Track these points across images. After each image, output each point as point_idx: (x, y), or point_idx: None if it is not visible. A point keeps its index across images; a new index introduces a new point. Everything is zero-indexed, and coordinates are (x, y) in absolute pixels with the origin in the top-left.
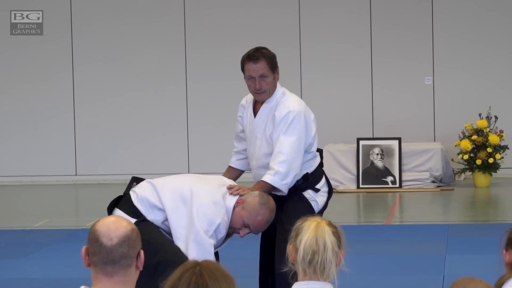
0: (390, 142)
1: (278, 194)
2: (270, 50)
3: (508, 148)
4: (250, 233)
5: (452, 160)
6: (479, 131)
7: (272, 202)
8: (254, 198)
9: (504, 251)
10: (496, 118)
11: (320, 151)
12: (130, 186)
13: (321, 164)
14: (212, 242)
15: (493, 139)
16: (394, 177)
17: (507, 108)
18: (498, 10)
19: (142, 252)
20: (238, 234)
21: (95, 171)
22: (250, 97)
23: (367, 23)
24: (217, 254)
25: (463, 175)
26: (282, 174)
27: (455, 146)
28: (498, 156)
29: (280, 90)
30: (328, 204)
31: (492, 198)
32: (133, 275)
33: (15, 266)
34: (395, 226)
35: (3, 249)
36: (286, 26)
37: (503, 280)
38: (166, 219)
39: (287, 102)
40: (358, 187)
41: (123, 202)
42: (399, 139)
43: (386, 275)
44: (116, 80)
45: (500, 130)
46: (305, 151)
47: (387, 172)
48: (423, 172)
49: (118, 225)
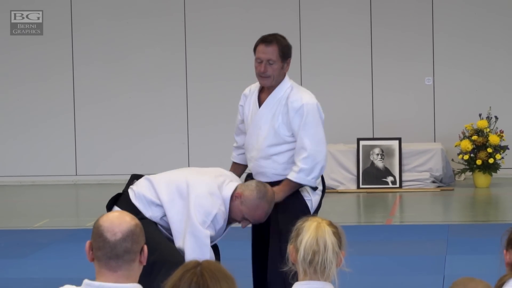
0: (390, 142)
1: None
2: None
3: (508, 149)
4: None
5: (452, 160)
6: (479, 132)
7: (270, 193)
8: (252, 193)
9: (504, 251)
10: (496, 118)
11: None
12: (129, 184)
13: None
14: (208, 233)
15: (493, 139)
16: (394, 177)
17: (507, 108)
18: (498, 10)
19: (146, 247)
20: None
21: (95, 171)
22: (254, 86)
23: (367, 23)
24: (218, 254)
25: (463, 175)
26: (307, 170)
27: (455, 146)
28: (498, 156)
29: (288, 82)
30: (328, 204)
31: (492, 198)
32: (136, 270)
33: (15, 266)
34: (395, 226)
35: (3, 249)
36: (286, 26)
37: (503, 280)
38: (165, 215)
39: (299, 94)
40: (358, 187)
41: (121, 200)
42: (399, 139)
43: (387, 275)
44: (116, 80)
45: (500, 131)
46: None
47: (387, 172)
48: (423, 172)
49: (122, 220)
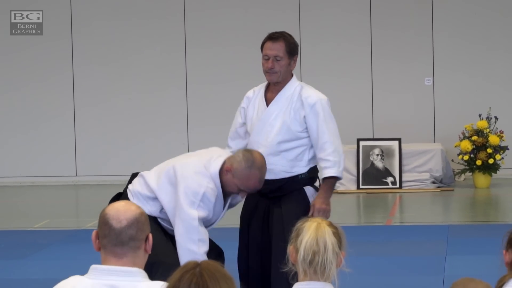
0: (390, 142)
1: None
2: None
3: (508, 149)
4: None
5: (452, 160)
6: (479, 132)
7: (258, 160)
8: (240, 164)
9: (504, 251)
10: (496, 118)
11: None
12: (129, 183)
13: None
14: (195, 215)
15: (493, 139)
16: (394, 177)
17: (507, 108)
18: (498, 11)
19: (151, 236)
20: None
21: (95, 172)
22: (258, 88)
23: (367, 23)
24: (222, 257)
25: (463, 176)
26: (338, 163)
27: (455, 146)
28: (498, 156)
29: (297, 81)
30: None
31: (492, 198)
32: (142, 257)
33: (16, 267)
34: (395, 226)
35: (4, 250)
36: (286, 27)
37: (504, 281)
38: (163, 208)
39: (311, 90)
40: (358, 187)
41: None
42: (399, 140)
43: (386, 275)
44: (116, 81)
45: (500, 131)
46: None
47: (387, 172)
48: (423, 173)
49: (127, 208)
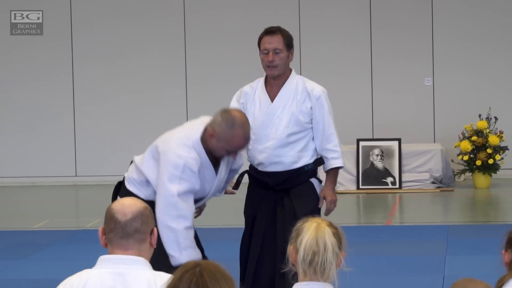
0: (390, 143)
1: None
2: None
3: (508, 149)
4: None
5: (452, 161)
6: (479, 132)
7: (239, 117)
8: (221, 126)
9: (503, 251)
10: (496, 119)
11: None
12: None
13: None
14: (174, 190)
15: (493, 140)
16: (394, 178)
17: (507, 109)
18: (498, 11)
19: (156, 230)
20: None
21: (95, 172)
22: (255, 84)
23: (367, 24)
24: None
25: (463, 176)
26: (341, 153)
27: (455, 147)
28: (498, 157)
29: (296, 75)
30: None
31: (492, 199)
32: (147, 251)
33: (15, 267)
34: (395, 227)
35: (3, 250)
36: (286, 27)
37: (503, 281)
38: None
39: (313, 83)
40: (358, 188)
41: (121, 189)
42: (399, 140)
43: (386, 275)
44: (116, 81)
45: (500, 131)
46: None
47: (387, 173)
48: (423, 173)
49: (132, 203)
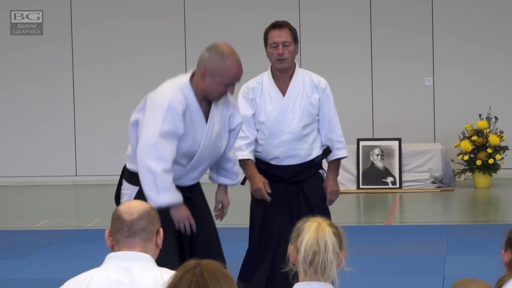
0: (390, 142)
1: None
2: None
3: (508, 149)
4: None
5: (452, 160)
6: (479, 132)
7: (226, 47)
8: (211, 60)
9: (503, 251)
10: (496, 119)
11: None
12: None
13: None
14: (156, 130)
15: (493, 139)
16: (394, 177)
17: (507, 109)
18: (498, 11)
19: (162, 230)
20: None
21: (95, 172)
22: (260, 78)
23: (367, 23)
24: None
25: (463, 176)
26: (345, 143)
27: (455, 146)
28: (498, 156)
29: (300, 68)
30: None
31: (492, 198)
32: (153, 250)
33: (15, 266)
34: (395, 226)
35: (4, 249)
36: None
37: (503, 281)
38: None
39: (316, 75)
40: (358, 187)
41: (124, 171)
42: (399, 140)
43: (386, 275)
44: (116, 81)
45: (500, 131)
46: None
47: (387, 172)
48: (423, 173)
49: (138, 204)
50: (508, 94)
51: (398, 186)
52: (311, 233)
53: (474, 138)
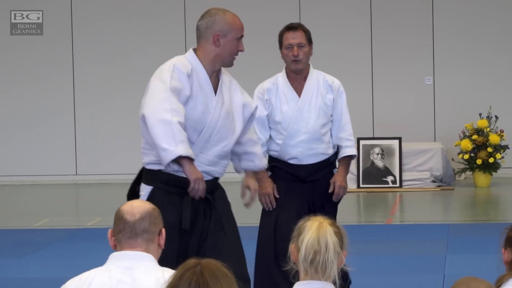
0: (391, 141)
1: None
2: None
3: (508, 148)
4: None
5: (453, 159)
6: (479, 131)
7: (211, 8)
8: (216, 21)
9: (502, 249)
10: (496, 118)
11: None
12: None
13: None
14: (166, 85)
15: (493, 138)
16: (395, 176)
17: (508, 108)
18: (498, 10)
19: (164, 230)
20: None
21: (96, 171)
22: (275, 79)
23: (367, 23)
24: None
25: (463, 175)
26: (354, 142)
27: (456, 145)
28: (498, 155)
29: (314, 69)
30: None
31: (492, 197)
32: (155, 251)
33: (16, 265)
34: (396, 225)
35: (4, 248)
36: None
37: (503, 280)
38: None
39: (329, 75)
40: (359, 186)
41: (143, 172)
42: (400, 139)
43: (387, 274)
44: (116, 80)
45: (500, 130)
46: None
47: (388, 171)
48: (424, 172)
49: (141, 204)
50: (508, 93)
51: (398, 185)
52: (312, 232)
53: (475, 137)
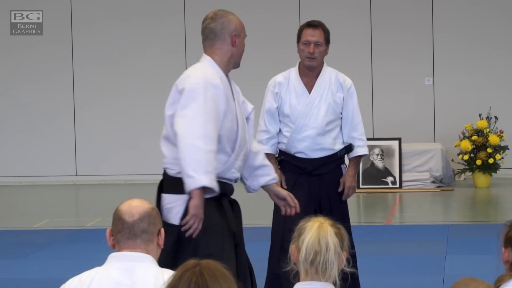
0: (390, 142)
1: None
2: None
3: (508, 149)
4: None
5: (452, 160)
6: (479, 132)
7: (215, 11)
8: (230, 21)
9: (503, 248)
10: (496, 118)
11: None
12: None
13: None
14: (198, 107)
15: (493, 139)
16: (394, 177)
17: (507, 108)
18: (498, 11)
19: (163, 230)
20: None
21: (95, 172)
22: (287, 73)
23: (367, 24)
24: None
25: (463, 176)
26: (366, 142)
27: (455, 146)
28: (498, 156)
29: (327, 67)
30: None
31: (492, 198)
32: (154, 251)
33: (15, 266)
34: (395, 226)
35: (4, 249)
36: (286, 27)
37: (502, 280)
38: None
39: (342, 74)
40: (358, 187)
41: (165, 182)
42: (399, 140)
43: (386, 275)
44: (116, 81)
45: (500, 131)
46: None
47: (387, 172)
48: (423, 173)
49: (139, 204)
50: (508, 93)
51: (398, 185)
52: (313, 232)
53: (474, 137)
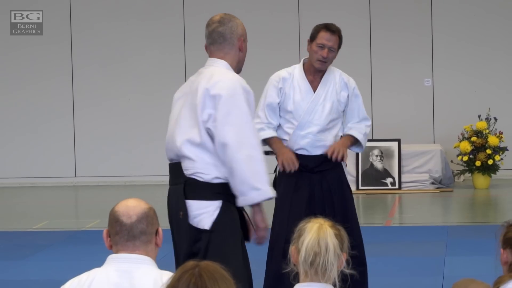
0: (390, 143)
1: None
2: None
3: (507, 150)
4: None
5: (452, 161)
6: (478, 133)
7: (218, 15)
8: (237, 26)
9: (501, 249)
10: (495, 119)
11: None
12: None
13: None
14: (247, 115)
15: (492, 140)
16: (394, 178)
17: (507, 109)
18: (498, 12)
19: (160, 229)
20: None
21: (95, 173)
22: (291, 70)
23: (366, 24)
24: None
25: (462, 177)
26: (366, 136)
27: (455, 147)
28: (497, 157)
29: (332, 66)
30: None
31: (491, 199)
32: (153, 251)
33: (15, 267)
34: (395, 227)
35: (3, 250)
36: (286, 28)
37: (501, 282)
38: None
39: (345, 74)
40: (358, 188)
41: (192, 188)
42: (399, 141)
43: (386, 276)
44: (115, 82)
45: (499, 132)
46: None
47: (387, 173)
48: (423, 174)
49: (136, 204)
50: (508, 94)
51: (397, 187)
52: (312, 234)
53: (474, 139)
